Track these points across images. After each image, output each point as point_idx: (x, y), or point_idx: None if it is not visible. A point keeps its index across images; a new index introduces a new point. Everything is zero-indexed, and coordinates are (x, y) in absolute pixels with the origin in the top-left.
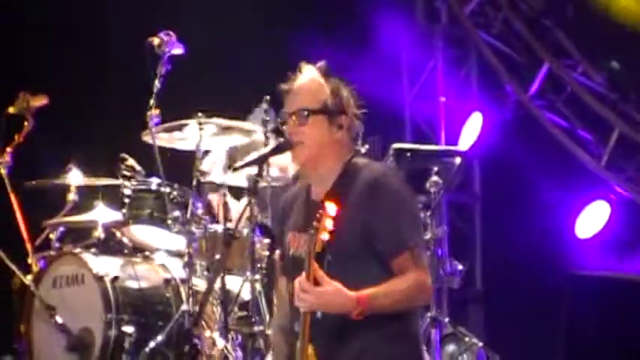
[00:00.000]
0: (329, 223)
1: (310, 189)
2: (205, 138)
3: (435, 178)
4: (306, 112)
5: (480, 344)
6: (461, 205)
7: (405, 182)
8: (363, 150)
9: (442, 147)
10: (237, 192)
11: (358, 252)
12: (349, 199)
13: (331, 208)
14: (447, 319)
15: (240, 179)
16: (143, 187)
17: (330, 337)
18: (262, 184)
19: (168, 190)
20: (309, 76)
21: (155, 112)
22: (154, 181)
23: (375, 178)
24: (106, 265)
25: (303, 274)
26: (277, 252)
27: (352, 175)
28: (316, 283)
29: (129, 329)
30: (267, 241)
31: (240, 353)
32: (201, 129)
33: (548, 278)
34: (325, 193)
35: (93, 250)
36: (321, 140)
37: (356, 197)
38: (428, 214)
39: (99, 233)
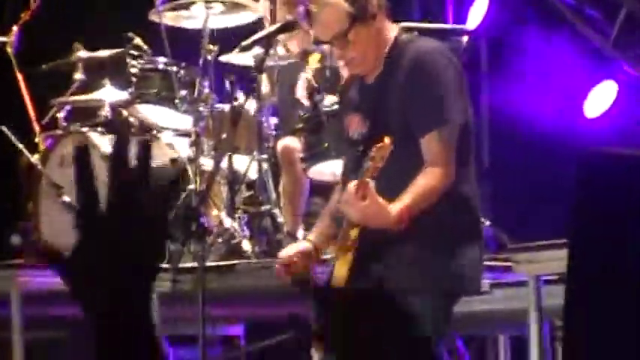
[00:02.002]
0: (380, 159)
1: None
2: (213, 17)
3: None
4: (341, 36)
5: (488, 223)
6: (468, 83)
7: (452, 59)
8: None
9: (449, 25)
10: (244, 71)
11: (401, 134)
12: (396, 80)
13: (388, 143)
14: None
15: (247, 58)
16: (150, 66)
17: (370, 245)
18: (269, 62)
19: (175, 69)
20: (319, 1)
21: None
22: (161, 60)
23: (420, 55)
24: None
25: (353, 182)
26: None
27: (399, 56)
28: (364, 196)
29: None
30: (274, 120)
31: (247, 232)
32: (208, 7)
33: (556, 156)
34: (375, 77)
35: (100, 129)
36: (367, 44)
37: (402, 75)
38: None
39: (106, 112)
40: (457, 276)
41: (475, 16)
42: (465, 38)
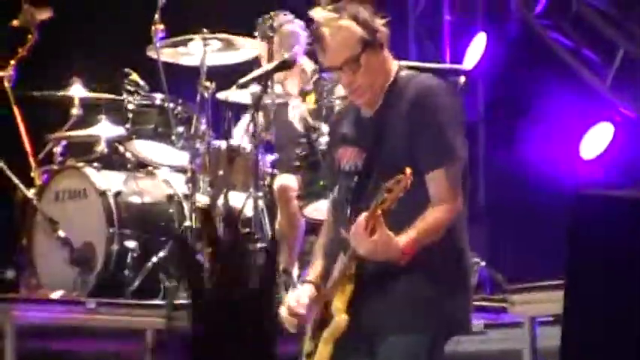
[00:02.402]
0: (401, 190)
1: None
2: (210, 54)
3: None
4: (353, 61)
5: (483, 263)
6: (465, 123)
7: (453, 95)
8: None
9: (447, 65)
10: (241, 108)
11: (403, 164)
12: (397, 115)
13: (409, 174)
14: None
15: (244, 96)
16: (147, 102)
17: (369, 279)
18: (266, 100)
19: (172, 105)
20: (332, 25)
21: (160, 27)
22: (158, 96)
23: (423, 92)
24: (109, 180)
25: (363, 215)
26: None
27: (400, 91)
28: (373, 230)
29: (131, 244)
30: (270, 157)
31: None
32: (205, 45)
33: (551, 198)
34: (374, 111)
35: (96, 164)
36: (375, 72)
37: (404, 111)
38: None
39: (102, 148)
40: (449, 316)
41: (472, 57)
42: (462, 78)
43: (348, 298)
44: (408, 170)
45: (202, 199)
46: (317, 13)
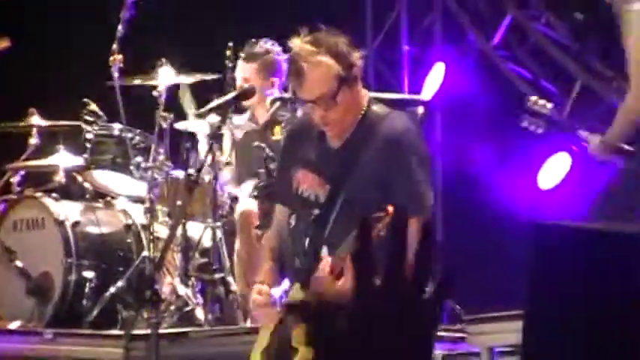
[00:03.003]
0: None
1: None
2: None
3: None
4: (329, 97)
5: None
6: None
7: (423, 139)
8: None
9: (405, 96)
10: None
11: (369, 203)
12: (367, 152)
13: (391, 212)
14: None
15: (203, 126)
16: (105, 132)
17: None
18: (224, 130)
19: (130, 135)
20: (310, 60)
21: (118, 57)
22: (116, 127)
23: (396, 135)
24: (67, 210)
25: (329, 260)
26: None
27: (371, 126)
28: (339, 275)
29: (89, 274)
30: (229, 188)
31: (200, 299)
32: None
33: (509, 229)
34: (342, 143)
35: (54, 194)
36: (348, 107)
37: (375, 151)
38: None
39: (60, 178)
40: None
41: (430, 87)
42: (421, 108)
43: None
44: (390, 208)
45: (161, 230)
46: (296, 46)
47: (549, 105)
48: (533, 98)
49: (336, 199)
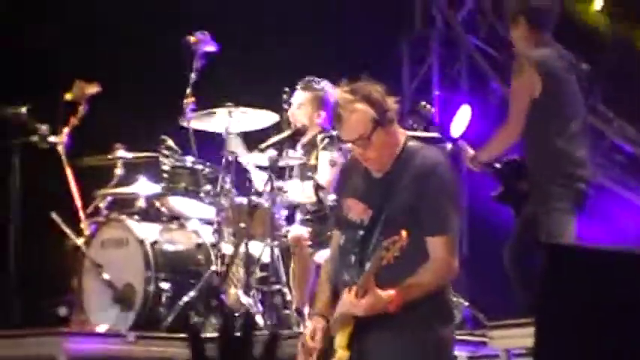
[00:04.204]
0: (397, 250)
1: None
2: (233, 123)
3: None
4: (364, 138)
5: (466, 303)
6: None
7: (452, 170)
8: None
9: (436, 134)
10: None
11: (403, 224)
12: (403, 181)
13: (405, 236)
14: None
15: (263, 159)
16: (179, 164)
17: (367, 320)
18: (281, 163)
19: (200, 166)
20: (348, 107)
21: (191, 100)
22: (189, 159)
23: (428, 166)
24: (147, 231)
25: (354, 288)
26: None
27: (407, 159)
28: (365, 293)
29: (165, 286)
30: (285, 212)
31: (260, 308)
32: (229, 114)
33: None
34: (382, 175)
35: (136, 217)
36: (384, 146)
37: (409, 180)
38: None
39: (141, 203)
40: (434, 347)
41: (458, 126)
42: (449, 145)
43: (348, 337)
44: (404, 233)
45: (227, 248)
46: (336, 94)
47: (432, 109)
48: (422, 103)
49: (377, 222)
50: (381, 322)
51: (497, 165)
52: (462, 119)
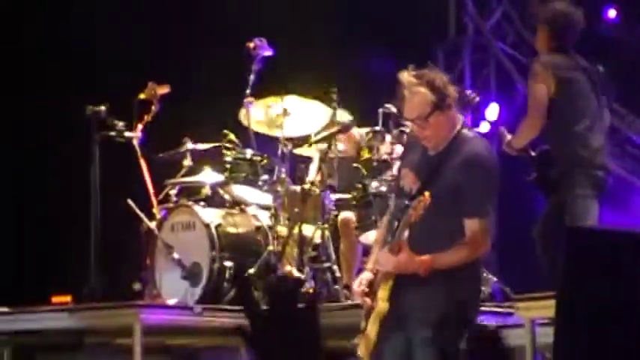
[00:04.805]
0: (422, 208)
1: None
2: (287, 121)
3: None
4: (423, 118)
5: (495, 279)
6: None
7: (495, 160)
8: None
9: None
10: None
11: (443, 202)
12: (452, 163)
13: (428, 196)
14: None
15: (313, 151)
16: (240, 156)
17: (405, 279)
18: (330, 155)
19: (259, 158)
20: (411, 89)
21: (250, 99)
22: (249, 151)
23: (476, 154)
24: (212, 215)
25: (386, 249)
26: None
27: (460, 144)
28: (399, 250)
29: (228, 263)
30: (333, 198)
31: (312, 283)
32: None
33: None
34: (436, 153)
35: (202, 203)
36: (440, 127)
37: (458, 164)
38: None
39: (206, 191)
40: (467, 316)
41: (487, 122)
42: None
43: (388, 291)
44: (427, 194)
45: (282, 230)
46: (403, 76)
47: (477, 98)
48: (469, 92)
49: (421, 194)
50: (417, 282)
51: (533, 153)
52: (491, 116)
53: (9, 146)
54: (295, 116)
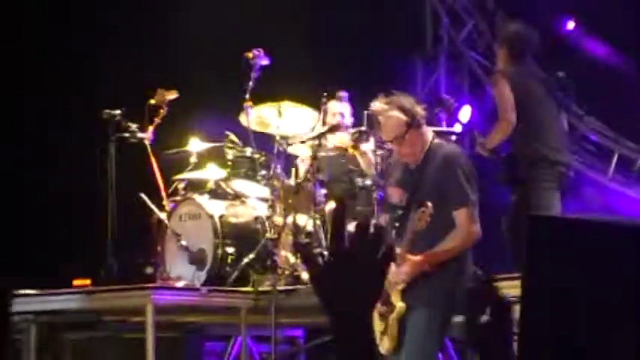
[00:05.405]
0: (426, 218)
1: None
2: (282, 122)
3: None
4: (400, 138)
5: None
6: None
7: (467, 158)
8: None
9: (443, 128)
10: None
11: (436, 204)
12: (430, 170)
13: (430, 207)
14: None
15: (305, 149)
16: (240, 154)
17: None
18: (321, 153)
19: (257, 155)
20: (384, 114)
21: (249, 104)
22: (248, 150)
23: (449, 156)
24: (215, 207)
25: (393, 267)
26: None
27: (434, 152)
28: (402, 261)
29: (230, 250)
30: (323, 191)
31: (304, 267)
32: (280, 116)
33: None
34: (416, 166)
35: (206, 196)
36: (415, 143)
37: (434, 169)
38: None
39: (211, 185)
40: (458, 300)
41: (460, 123)
42: (454, 137)
43: (400, 292)
44: (429, 204)
45: (278, 219)
46: (375, 105)
47: (455, 102)
48: (447, 97)
49: (411, 203)
50: (420, 277)
51: (503, 154)
52: (464, 117)
53: (31, 142)
54: (288, 119)
